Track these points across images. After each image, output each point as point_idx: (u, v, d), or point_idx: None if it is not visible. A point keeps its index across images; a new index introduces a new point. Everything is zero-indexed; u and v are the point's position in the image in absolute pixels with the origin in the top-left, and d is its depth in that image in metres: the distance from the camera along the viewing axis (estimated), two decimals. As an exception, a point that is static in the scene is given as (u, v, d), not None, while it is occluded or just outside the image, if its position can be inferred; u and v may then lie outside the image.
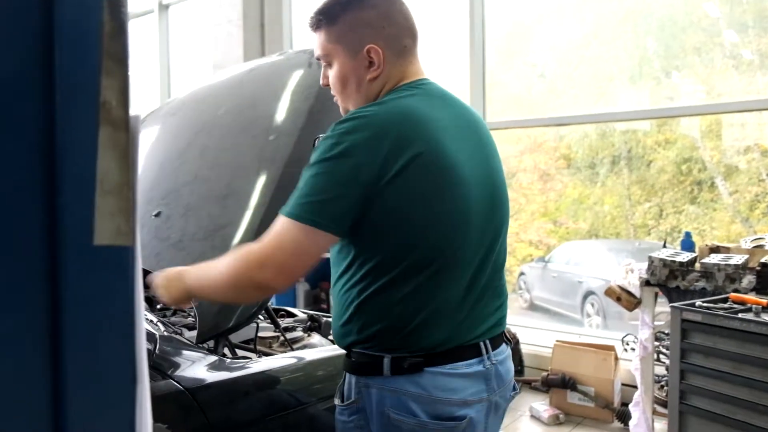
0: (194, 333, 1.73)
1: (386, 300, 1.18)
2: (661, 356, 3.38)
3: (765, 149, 3.67)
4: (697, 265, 2.89)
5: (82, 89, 0.51)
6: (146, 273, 2.29)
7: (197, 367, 1.47)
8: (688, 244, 3.19)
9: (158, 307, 2.47)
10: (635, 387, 3.11)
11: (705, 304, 2.39)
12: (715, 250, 3.08)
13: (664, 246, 3.25)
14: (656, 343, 3.19)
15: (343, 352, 1.29)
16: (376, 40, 1.25)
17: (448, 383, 1.18)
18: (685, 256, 2.94)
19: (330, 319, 2.51)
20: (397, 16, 1.28)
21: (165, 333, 1.56)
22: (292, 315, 2.51)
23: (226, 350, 1.70)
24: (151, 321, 1.63)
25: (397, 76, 1.28)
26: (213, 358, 1.54)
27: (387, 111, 1.16)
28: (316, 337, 2.10)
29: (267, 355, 1.82)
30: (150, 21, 6.57)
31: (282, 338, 1.97)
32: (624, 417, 3.41)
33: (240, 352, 1.81)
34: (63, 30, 0.48)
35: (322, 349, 1.96)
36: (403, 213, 1.13)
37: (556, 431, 3.47)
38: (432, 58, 4.71)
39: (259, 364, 1.62)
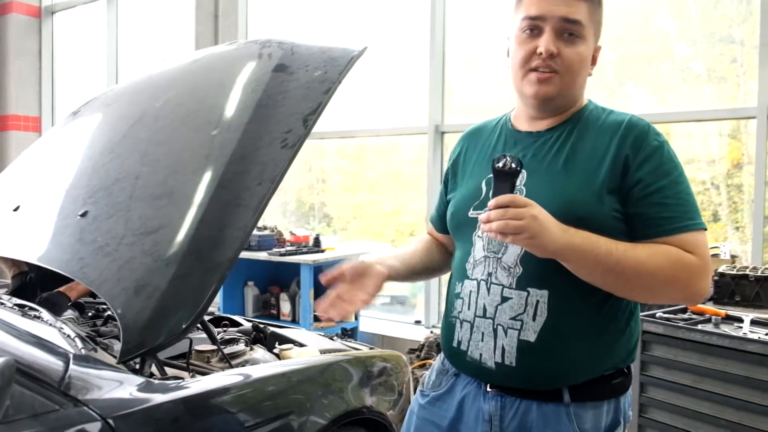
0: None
1: (636, 307, 1.22)
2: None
3: (710, 159, 3.74)
4: (656, 274, 2.84)
5: None
6: (66, 279, 2.10)
7: (118, 391, 1.29)
8: (645, 253, 3.14)
9: (89, 315, 2.26)
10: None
11: (665, 315, 2.34)
12: (672, 258, 3.04)
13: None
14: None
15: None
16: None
17: None
18: (643, 265, 2.89)
19: (277, 330, 2.36)
20: None
21: (82, 351, 1.37)
22: (236, 324, 2.34)
23: (153, 369, 1.52)
24: (68, 336, 1.44)
25: None
26: (137, 379, 1.36)
27: None
28: (259, 352, 1.93)
29: (203, 373, 1.64)
30: (98, 9, 6.26)
31: (221, 353, 1.79)
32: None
33: (171, 371, 1.63)
34: None
35: (268, 364, 1.80)
36: None
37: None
38: (391, 63, 4.63)
39: (193, 385, 1.44)
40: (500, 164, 1.07)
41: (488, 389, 1.19)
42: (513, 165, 1.06)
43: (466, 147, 1.35)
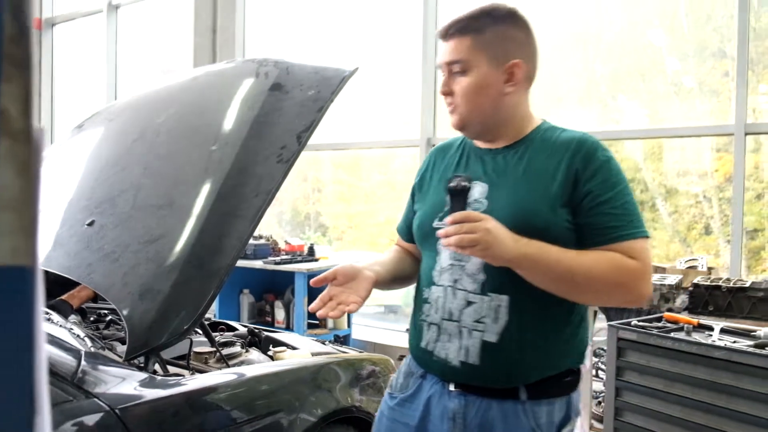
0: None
1: (586, 313, 1.32)
2: (599, 372, 3.45)
3: (702, 173, 3.83)
4: (634, 284, 2.95)
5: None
6: (74, 284, 2.20)
7: (125, 385, 1.40)
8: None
9: (91, 319, 2.37)
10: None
11: (640, 323, 2.45)
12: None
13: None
14: (595, 359, 3.25)
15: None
16: (521, 57, 1.28)
17: None
18: (622, 275, 3.00)
19: (272, 334, 2.47)
20: (536, 45, 1.33)
21: (91, 349, 1.49)
22: (232, 329, 2.45)
23: (157, 367, 1.64)
24: (78, 336, 1.56)
25: (525, 103, 1.33)
26: (142, 375, 1.48)
27: None
28: (254, 353, 2.05)
29: (201, 371, 1.76)
30: (98, 21, 6.37)
31: (218, 354, 1.91)
32: None
33: (172, 369, 1.75)
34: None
35: (262, 365, 1.91)
36: None
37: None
38: (385, 76, 4.75)
39: (192, 382, 1.56)
40: (453, 184, 1.18)
41: (452, 389, 1.27)
42: (463, 184, 1.18)
43: (433, 162, 1.47)
